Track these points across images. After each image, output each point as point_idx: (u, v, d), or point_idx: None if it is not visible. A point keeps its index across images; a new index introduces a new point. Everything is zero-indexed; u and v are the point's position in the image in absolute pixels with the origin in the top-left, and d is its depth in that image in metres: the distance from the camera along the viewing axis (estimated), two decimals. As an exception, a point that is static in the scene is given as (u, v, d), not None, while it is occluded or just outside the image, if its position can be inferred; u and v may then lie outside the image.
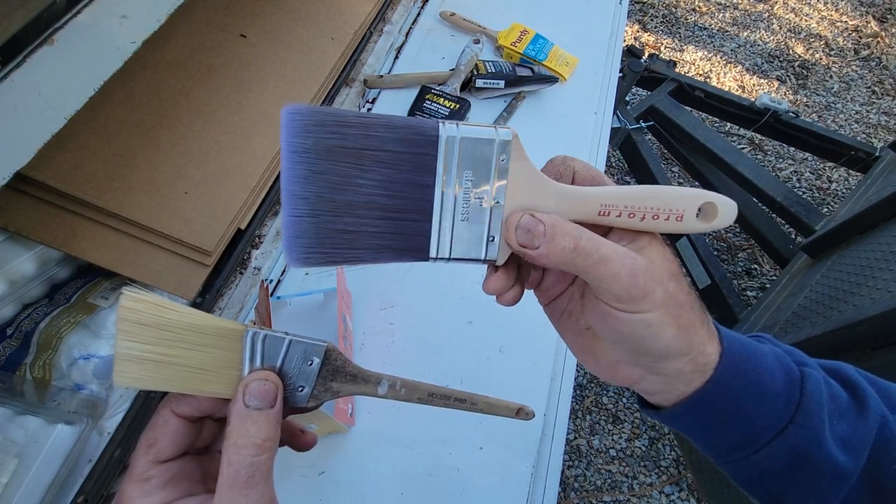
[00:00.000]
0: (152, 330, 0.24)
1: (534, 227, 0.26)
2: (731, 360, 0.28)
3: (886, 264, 1.01)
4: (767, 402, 0.28)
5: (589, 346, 0.31)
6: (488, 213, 0.27)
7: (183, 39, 0.74)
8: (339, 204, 0.26)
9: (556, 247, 0.26)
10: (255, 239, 0.71)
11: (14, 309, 0.60)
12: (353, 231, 0.26)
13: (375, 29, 0.95)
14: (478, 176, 0.27)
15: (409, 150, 0.26)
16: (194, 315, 0.25)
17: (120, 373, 0.24)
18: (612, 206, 0.27)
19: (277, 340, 0.26)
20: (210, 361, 0.25)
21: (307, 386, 0.27)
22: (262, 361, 0.26)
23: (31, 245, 0.59)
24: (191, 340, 0.25)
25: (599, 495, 1.41)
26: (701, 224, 0.28)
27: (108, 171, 0.61)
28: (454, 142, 0.26)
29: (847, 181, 2.00)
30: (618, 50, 1.05)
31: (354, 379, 0.28)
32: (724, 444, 0.31)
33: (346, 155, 0.25)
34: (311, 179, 0.25)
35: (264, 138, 0.72)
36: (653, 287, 0.26)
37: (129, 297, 0.24)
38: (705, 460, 1.26)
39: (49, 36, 0.40)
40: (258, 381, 0.25)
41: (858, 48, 2.47)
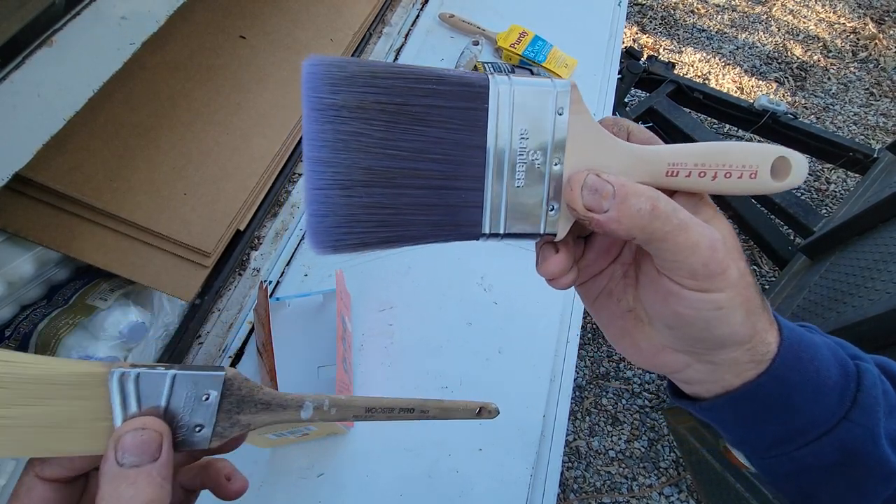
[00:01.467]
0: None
1: (602, 188, 0.23)
2: (789, 352, 0.26)
3: (885, 265, 1.01)
4: (822, 396, 0.26)
5: (629, 330, 0.29)
6: (547, 177, 0.23)
7: (182, 41, 0.74)
8: (373, 172, 0.21)
9: (629, 209, 0.22)
10: (254, 240, 0.71)
11: (12, 310, 0.60)
12: (390, 205, 0.22)
13: (374, 30, 0.95)
14: (534, 132, 0.23)
15: (455, 105, 0.22)
16: (39, 364, 0.21)
17: None
18: (680, 166, 0.24)
19: (156, 377, 0.22)
20: (67, 416, 0.21)
21: (207, 424, 0.23)
22: (138, 405, 0.22)
23: (29, 246, 0.59)
24: (37, 395, 0.21)
25: (599, 497, 1.41)
26: (775, 182, 0.25)
27: (107, 172, 0.60)
28: (507, 93, 0.22)
29: (845, 182, 2.00)
30: (616, 51, 1.05)
31: (268, 406, 0.24)
32: (764, 438, 0.28)
33: (380, 112, 0.21)
34: (340, 143, 0.21)
35: (263, 139, 0.72)
36: (728, 263, 0.23)
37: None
38: (705, 461, 1.25)
39: (48, 37, 0.40)
40: (133, 433, 0.21)
41: (856, 50, 2.48)
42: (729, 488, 1.18)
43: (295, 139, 0.76)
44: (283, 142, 0.73)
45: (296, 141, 0.77)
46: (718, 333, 0.25)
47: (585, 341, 1.66)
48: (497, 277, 0.71)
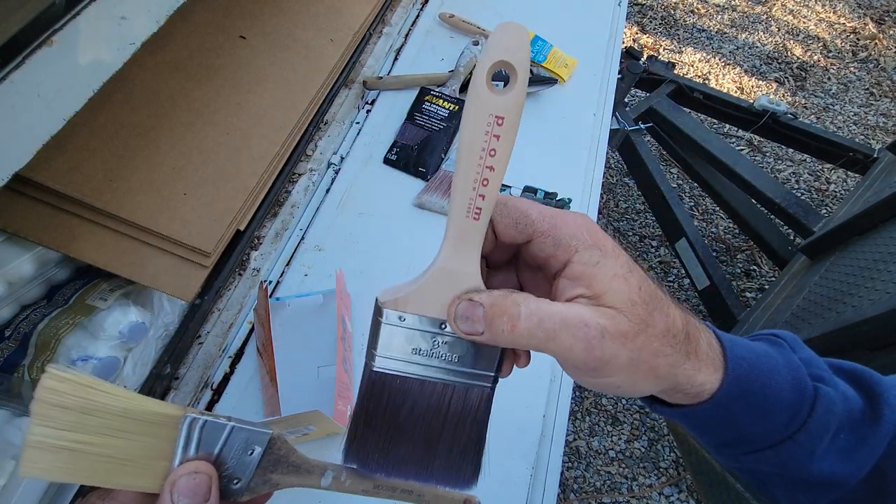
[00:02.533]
0: (74, 414, 0.21)
1: (471, 313, 0.25)
2: (732, 385, 0.27)
3: (885, 265, 1.01)
4: (768, 419, 0.28)
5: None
6: (449, 338, 0.27)
7: (182, 41, 0.74)
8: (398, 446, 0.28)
9: (496, 331, 0.24)
10: (254, 240, 0.71)
11: (12, 310, 0.60)
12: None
13: (374, 30, 0.95)
14: (417, 342, 0.27)
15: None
16: (128, 398, 0.22)
17: (28, 462, 0.21)
18: (464, 204, 0.26)
19: (218, 427, 0.23)
20: (136, 451, 0.22)
21: (244, 478, 0.24)
22: (196, 450, 0.23)
23: (29, 246, 0.59)
24: (118, 427, 0.22)
25: (599, 497, 1.41)
26: (508, 91, 0.24)
27: (107, 173, 0.60)
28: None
29: (845, 182, 2.00)
30: (616, 51, 1.05)
31: (297, 470, 0.26)
32: (714, 441, 0.30)
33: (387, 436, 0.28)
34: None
35: (263, 140, 0.72)
36: (614, 352, 0.24)
37: (53, 375, 0.21)
38: (705, 462, 1.26)
39: (48, 37, 0.40)
40: (187, 476, 0.22)
41: (856, 50, 2.48)
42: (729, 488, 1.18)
43: (295, 139, 0.76)
44: (283, 142, 0.73)
45: (296, 141, 0.77)
46: (633, 392, 0.26)
47: (585, 341, 1.66)
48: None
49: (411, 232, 0.74)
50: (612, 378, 0.25)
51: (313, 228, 0.74)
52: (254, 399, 0.60)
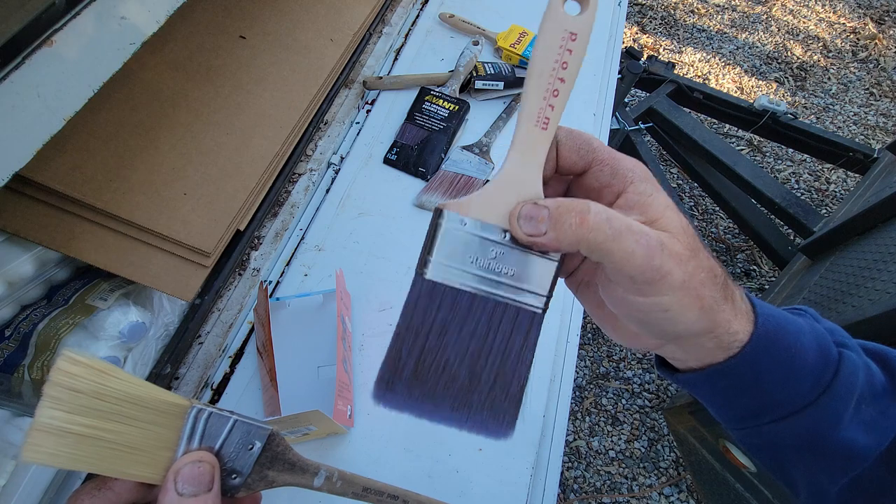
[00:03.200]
0: (86, 398, 0.21)
1: (535, 213, 0.25)
2: (761, 340, 0.27)
3: (885, 265, 1.01)
4: (793, 381, 0.27)
5: (607, 317, 0.31)
6: (510, 250, 0.26)
7: (182, 41, 0.74)
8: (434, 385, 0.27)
9: (563, 227, 0.24)
10: (253, 240, 0.71)
11: (12, 310, 0.60)
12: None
13: (374, 30, 0.95)
14: (475, 252, 0.27)
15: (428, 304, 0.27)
16: (139, 385, 0.22)
17: (31, 446, 0.21)
18: (536, 111, 0.26)
19: (222, 420, 0.24)
20: (143, 439, 0.22)
21: (242, 474, 0.24)
22: (200, 441, 0.23)
23: (29, 246, 0.59)
24: (127, 414, 0.22)
25: (599, 497, 1.41)
26: (582, 15, 0.26)
27: (107, 173, 0.61)
28: (443, 265, 0.27)
29: (845, 182, 2.00)
30: (616, 51, 1.05)
31: (292, 468, 0.26)
32: (736, 412, 0.30)
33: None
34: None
35: (263, 140, 0.72)
36: (670, 268, 0.24)
37: (68, 358, 0.21)
38: (705, 461, 1.26)
39: (48, 37, 0.40)
40: (191, 465, 0.23)
41: (856, 50, 2.48)
42: (729, 488, 1.18)
43: (295, 139, 0.76)
44: (283, 142, 0.73)
45: (296, 141, 0.77)
46: (673, 329, 0.26)
47: (585, 341, 1.66)
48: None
49: (411, 232, 0.74)
50: (663, 297, 0.24)
51: (313, 228, 0.74)
52: (254, 399, 0.60)
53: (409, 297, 0.26)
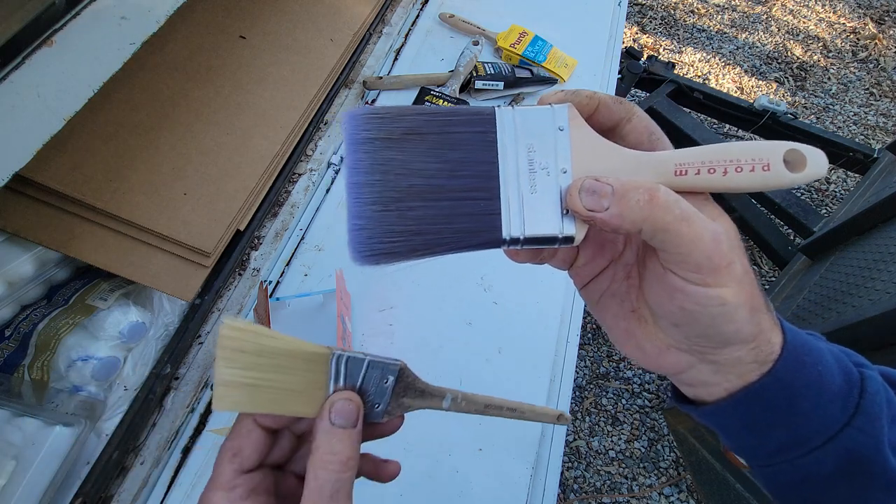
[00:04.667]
0: (250, 356, 0.26)
1: (600, 188, 0.24)
2: (792, 354, 0.26)
3: (885, 265, 1.01)
4: (825, 402, 0.26)
5: (632, 331, 0.29)
6: (557, 184, 0.25)
7: (182, 41, 0.74)
8: (403, 190, 0.25)
9: (628, 202, 0.23)
10: (254, 240, 0.71)
11: (12, 310, 0.60)
12: (420, 217, 0.25)
13: (374, 31, 0.95)
14: (540, 147, 0.26)
15: (469, 130, 0.26)
16: (287, 341, 0.27)
17: (220, 398, 0.25)
18: (688, 165, 0.25)
19: (358, 362, 0.28)
20: (300, 383, 0.27)
21: (382, 403, 0.29)
22: (344, 380, 0.27)
23: (29, 246, 0.59)
24: (284, 365, 0.26)
25: (599, 497, 1.41)
26: (792, 174, 0.25)
27: (106, 173, 0.61)
28: (510, 118, 0.26)
29: (845, 182, 2.00)
30: (616, 51, 1.05)
31: (423, 394, 0.30)
32: (767, 445, 0.28)
33: (407, 141, 0.25)
34: (376, 168, 0.25)
35: (263, 140, 0.72)
36: (734, 258, 0.23)
37: (229, 326, 0.25)
38: (705, 461, 1.26)
39: (48, 37, 0.40)
40: (343, 401, 0.27)
41: (856, 50, 2.48)
42: (729, 488, 1.18)
43: (295, 139, 0.76)
44: (283, 142, 0.73)
45: (296, 141, 0.77)
46: (723, 330, 0.25)
47: (585, 341, 1.66)
48: (497, 277, 0.71)
49: (411, 232, 0.74)
50: (725, 288, 0.24)
51: (313, 228, 0.74)
52: (254, 399, 0.60)
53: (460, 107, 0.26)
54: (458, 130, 0.26)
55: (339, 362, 0.27)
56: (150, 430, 0.58)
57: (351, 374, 0.28)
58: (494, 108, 0.26)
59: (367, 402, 0.28)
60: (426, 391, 0.30)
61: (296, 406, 0.27)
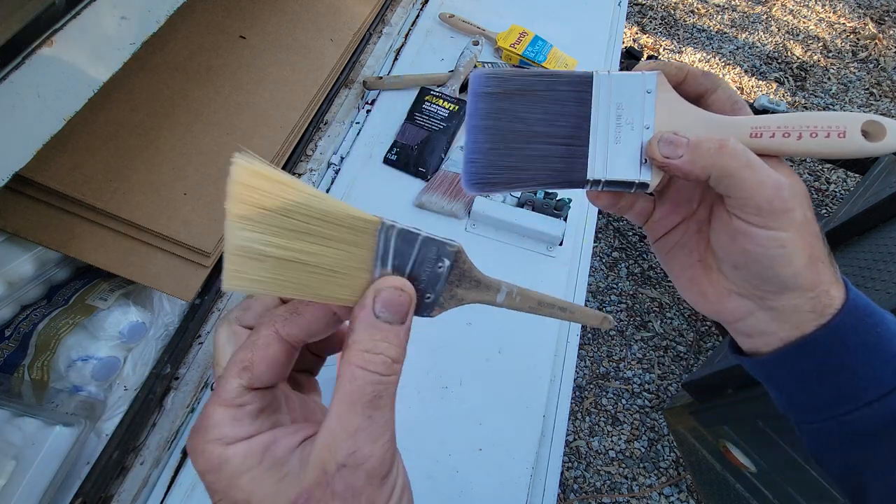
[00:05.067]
0: (276, 217, 0.19)
1: (677, 140, 0.27)
2: (853, 311, 0.27)
3: (885, 265, 1.01)
4: (880, 362, 0.27)
5: (697, 278, 0.31)
6: (639, 137, 0.29)
7: (182, 41, 0.74)
8: (510, 133, 0.30)
9: (700, 150, 0.26)
10: (254, 240, 0.71)
11: (12, 310, 0.60)
12: (522, 156, 0.30)
13: (374, 31, 0.95)
14: (628, 106, 0.29)
15: (570, 88, 0.30)
16: (324, 199, 0.20)
17: (234, 273, 0.19)
18: (763, 129, 0.28)
19: (411, 237, 0.22)
20: (338, 260, 0.21)
21: (434, 293, 0.24)
22: (393, 261, 0.22)
23: (29, 246, 0.59)
24: (318, 233, 0.20)
25: (599, 497, 1.41)
26: (869, 144, 0.26)
27: (106, 173, 0.60)
28: (606, 81, 0.29)
29: (845, 182, 2.00)
30: (616, 51, 1.05)
31: (478, 285, 0.25)
32: (816, 399, 0.29)
33: (519, 95, 0.30)
34: (490, 115, 0.30)
35: (263, 140, 0.72)
36: (794, 205, 0.25)
37: (245, 168, 0.19)
38: (705, 461, 1.26)
39: (48, 37, 0.40)
40: (392, 290, 0.21)
41: (856, 50, 2.48)
42: (729, 488, 1.18)
43: (295, 139, 0.76)
44: (283, 142, 0.73)
45: (296, 141, 0.77)
46: (781, 273, 0.26)
47: (585, 341, 1.66)
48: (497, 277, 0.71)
49: (411, 232, 0.74)
50: (784, 232, 0.26)
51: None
52: (254, 399, 0.60)
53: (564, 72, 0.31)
54: (561, 88, 0.30)
55: (390, 236, 0.21)
56: (150, 430, 0.58)
57: (401, 253, 0.22)
58: (593, 72, 0.30)
59: (418, 290, 0.23)
60: (482, 282, 0.25)
61: (335, 290, 0.21)
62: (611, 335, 1.66)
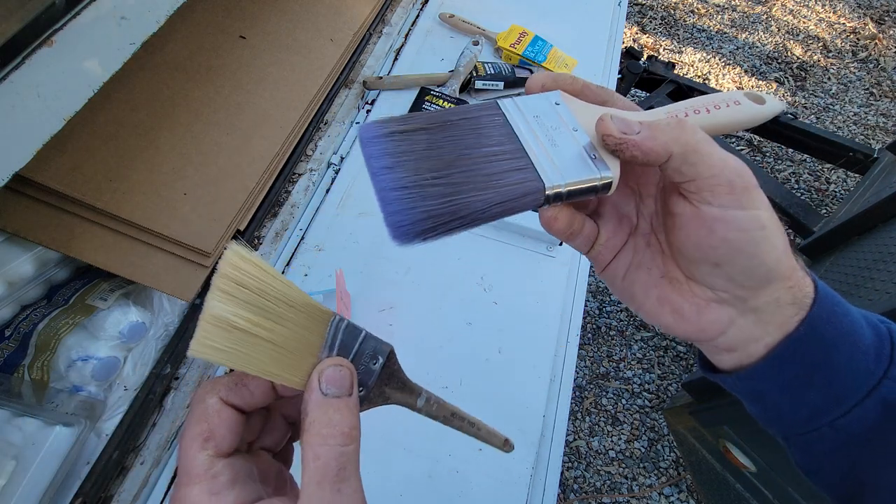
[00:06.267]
0: (251, 295, 0.22)
1: (628, 118, 0.26)
2: (825, 299, 0.26)
3: (885, 265, 1.01)
4: (859, 355, 0.26)
5: (666, 297, 0.28)
6: (572, 138, 0.27)
7: (182, 41, 0.74)
8: (435, 161, 0.25)
9: (659, 128, 0.25)
10: (253, 240, 0.71)
11: (12, 310, 0.60)
12: (459, 180, 0.25)
13: (375, 31, 0.95)
14: (545, 118, 0.28)
15: (481, 114, 0.28)
16: (292, 288, 0.23)
17: (202, 339, 0.21)
18: (676, 111, 0.29)
19: (355, 331, 0.25)
20: (294, 342, 0.23)
21: (367, 387, 0.26)
22: (337, 350, 0.25)
23: (29, 246, 0.59)
24: (282, 315, 0.23)
25: (599, 497, 1.41)
26: (757, 106, 0.30)
27: (106, 173, 0.61)
28: (512, 103, 0.28)
29: (845, 182, 2.00)
30: (616, 51, 1.05)
31: (403, 387, 0.27)
32: (807, 408, 0.27)
33: (423, 131, 0.26)
34: (402, 151, 0.25)
35: (263, 140, 0.72)
36: (755, 180, 0.24)
37: (237, 253, 0.22)
38: (705, 461, 1.26)
39: (48, 37, 0.40)
40: (333, 367, 0.24)
41: (856, 50, 2.48)
42: (729, 488, 1.19)
43: (295, 139, 0.76)
44: (283, 142, 0.73)
45: (296, 141, 0.77)
46: (767, 259, 0.25)
47: (585, 341, 1.66)
48: (497, 277, 0.71)
49: (411, 232, 0.74)
50: (761, 210, 0.24)
51: (313, 228, 0.74)
52: (254, 399, 0.60)
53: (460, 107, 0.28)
54: (472, 116, 0.28)
55: (339, 327, 0.24)
56: (150, 430, 0.58)
57: (345, 344, 0.25)
58: (496, 100, 0.28)
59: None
60: (406, 385, 0.27)
61: (284, 371, 0.23)
62: (611, 335, 1.66)
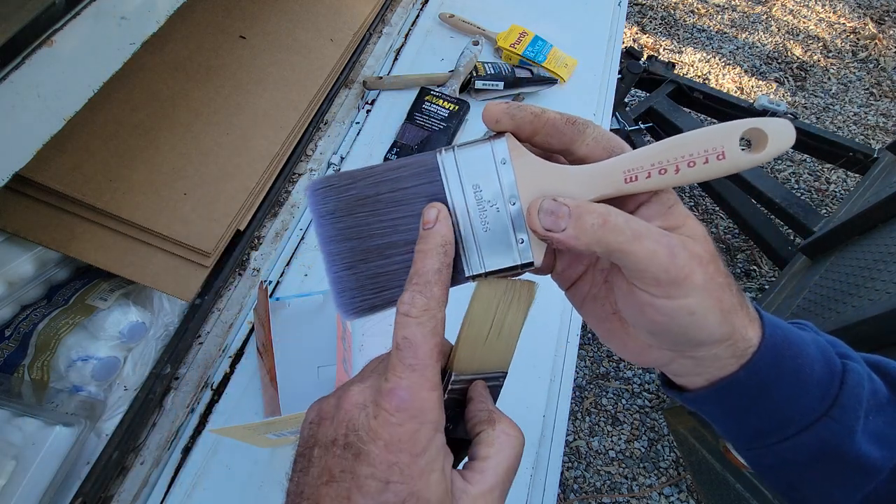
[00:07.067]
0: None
1: (557, 209, 0.25)
2: (770, 348, 0.27)
3: (885, 265, 1.01)
4: (802, 393, 0.27)
5: (615, 331, 0.30)
6: (508, 217, 0.27)
7: (182, 41, 0.74)
8: (366, 250, 0.28)
9: (584, 225, 0.24)
10: (254, 240, 0.71)
11: (12, 310, 0.60)
12: (384, 272, 0.28)
13: (375, 30, 0.95)
14: (485, 185, 0.27)
15: (416, 184, 0.27)
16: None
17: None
18: (637, 170, 0.25)
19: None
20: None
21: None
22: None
23: (29, 246, 0.59)
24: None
25: (599, 497, 1.41)
26: (751, 155, 0.25)
27: (106, 173, 0.61)
28: (452, 162, 0.27)
29: (845, 182, 2.00)
30: (616, 51, 1.05)
31: None
32: (746, 431, 0.29)
33: (362, 206, 0.27)
34: (340, 236, 0.28)
35: (263, 140, 0.72)
36: (693, 268, 0.24)
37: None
38: (705, 461, 1.26)
39: (48, 37, 0.40)
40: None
41: (856, 50, 2.48)
42: (729, 488, 1.19)
43: (295, 139, 0.76)
44: (283, 142, 0.73)
45: (296, 141, 0.77)
46: (695, 336, 0.26)
47: (585, 341, 1.66)
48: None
49: (411, 232, 0.74)
50: (688, 299, 0.24)
51: (313, 228, 0.74)
52: (254, 399, 0.60)
53: (402, 159, 0.28)
54: (406, 186, 0.27)
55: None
56: (150, 430, 0.58)
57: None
58: (436, 154, 0.27)
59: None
60: None
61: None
62: (611, 335, 1.67)
